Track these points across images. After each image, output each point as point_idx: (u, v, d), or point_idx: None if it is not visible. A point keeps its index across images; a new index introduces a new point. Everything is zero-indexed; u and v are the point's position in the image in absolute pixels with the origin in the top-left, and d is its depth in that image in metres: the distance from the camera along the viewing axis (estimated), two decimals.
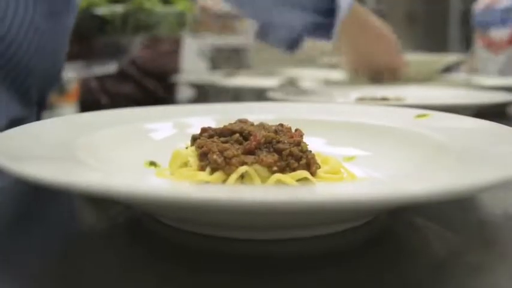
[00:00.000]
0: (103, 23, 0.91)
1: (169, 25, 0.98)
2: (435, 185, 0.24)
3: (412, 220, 0.34)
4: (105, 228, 0.35)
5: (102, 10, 0.91)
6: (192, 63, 1.74)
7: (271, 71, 1.57)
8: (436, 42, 4.21)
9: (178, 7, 1.00)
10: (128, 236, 0.33)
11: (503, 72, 1.36)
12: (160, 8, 0.96)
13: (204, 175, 0.34)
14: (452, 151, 0.36)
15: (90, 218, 0.38)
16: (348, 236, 0.31)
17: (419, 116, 0.47)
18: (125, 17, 0.92)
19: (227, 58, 2.21)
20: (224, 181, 0.34)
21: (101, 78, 1.00)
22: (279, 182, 0.34)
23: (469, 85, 1.14)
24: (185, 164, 0.38)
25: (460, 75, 1.41)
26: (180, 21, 0.99)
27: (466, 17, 3.79)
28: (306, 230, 0.30)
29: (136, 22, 0.93)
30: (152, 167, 0.41)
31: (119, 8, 0.92)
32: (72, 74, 0.91)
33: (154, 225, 0.33)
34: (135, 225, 0.34)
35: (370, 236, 0.32)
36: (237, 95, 0.95)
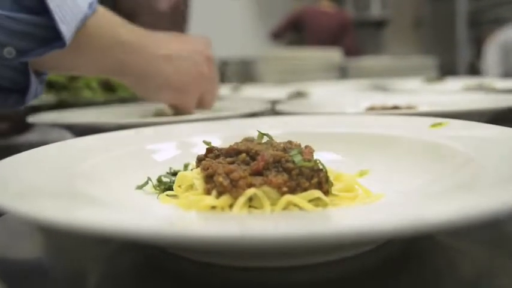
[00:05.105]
0: (34, 110, 0.82)
1: None
2: (458, 210, 0.22)
3: (434, 237, 0.32)
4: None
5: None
6: None
7: (280, 83, 1.56)
8: (444, 45, 4.20)
9: (121, 93, 0.97)
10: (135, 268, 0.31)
11: None
12: (100, 97, 0.92)
13: (211, 199, 0.32)
14: (473, 164, 0.33)
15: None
16: (367, 258, 0.29)
17: (434, 125, 0.45)
18: (59, 106, 0.87)
19: (235, 71, 2.21)
20: (231, 205, 0.32)
21: None
22: (290, 204, 0.31)
23: (481, 88, 1.11)
24: (191, 187, 0.36)
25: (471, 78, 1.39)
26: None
27: (474, 18, 3.77)
28: (323, 256, 0.28)
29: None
30: (157, 189, 0.39)
31: (51, 98, 0.85)
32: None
33: (161, 255, 0.31)
34: (141, 256, 0.32)
35: (390, 257, 0.30)
36: None
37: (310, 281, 0.27)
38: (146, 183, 0.39)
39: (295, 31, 3.69)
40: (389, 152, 0.43)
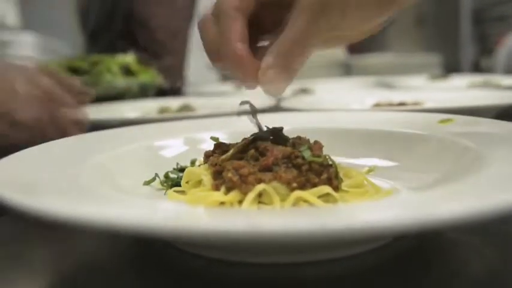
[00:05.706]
0: None
1: (133, 95, 1.01)
2: (467, 206, 0.21)
3: (444, 234, 0.32)
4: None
5: None
6: (202, 75, 1.73)
7: None
8: (447, 42, 4.18)
9: (141, 78, 1.03)
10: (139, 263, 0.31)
11: None
12: (121, 81, 0.98)
13: (219, 195, 0.32)
14: (482, 159, 0.33)
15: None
16: (376, 254, 0.29)
17: (442, 121, 0.45)
18: None
19: None
20: (240, 201, 0.32)
21: None
22: (299, 200, 0.31)
23: (487, 85, 1.11)
24: (199, 183, 0.36)
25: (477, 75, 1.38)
26: (143, 91, 1.02)
27: (478, 15, 3.75)
28: (332, 252, 0.28)
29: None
30: (164, 185, 0.39)
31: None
32: None
33: (167, 251, 0.31)
34: (147, 251, 0.32)
35: (399, 254, 0.29)
36: None
37: (317, 277, 0.27)
38: (154, 179, 0.39)
39: None
40: (397, 148, 0.43)
